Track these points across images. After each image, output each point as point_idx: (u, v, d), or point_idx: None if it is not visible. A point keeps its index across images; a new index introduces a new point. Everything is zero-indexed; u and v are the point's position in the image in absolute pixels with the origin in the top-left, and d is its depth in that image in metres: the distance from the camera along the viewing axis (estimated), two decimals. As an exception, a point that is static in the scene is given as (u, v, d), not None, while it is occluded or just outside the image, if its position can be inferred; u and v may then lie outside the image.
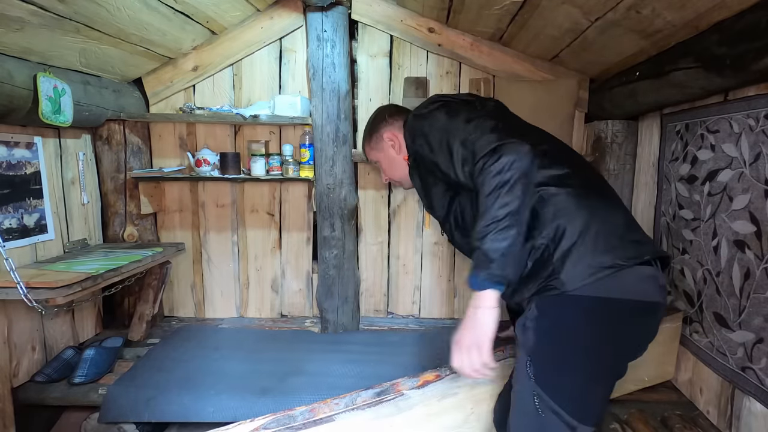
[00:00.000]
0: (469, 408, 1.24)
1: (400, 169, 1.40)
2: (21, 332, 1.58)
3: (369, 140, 1.47)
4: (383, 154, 1.43)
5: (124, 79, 1.99)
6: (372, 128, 1.45)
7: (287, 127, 2.09)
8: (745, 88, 1.24)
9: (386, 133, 1.40)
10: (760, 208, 1.18)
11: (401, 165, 1.39)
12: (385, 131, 1.40)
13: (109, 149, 1.97)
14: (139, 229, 2.06)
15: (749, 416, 1.23)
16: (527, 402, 0.96)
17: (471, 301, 0.96)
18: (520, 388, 1.00)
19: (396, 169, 1.42)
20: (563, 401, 0.92)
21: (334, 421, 1.09)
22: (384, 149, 1.41)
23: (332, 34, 1.91)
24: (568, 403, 0.93)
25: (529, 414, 0.96)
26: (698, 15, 1.18)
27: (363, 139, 1.51)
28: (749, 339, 1.22)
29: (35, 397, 1.55)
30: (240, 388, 1.54)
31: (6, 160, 1.54)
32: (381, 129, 1.41)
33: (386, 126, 1.41)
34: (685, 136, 1.53)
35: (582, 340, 0.94)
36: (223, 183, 2.15)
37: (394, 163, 1.41)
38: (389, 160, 1.42)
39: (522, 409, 1.00)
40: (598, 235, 0.95)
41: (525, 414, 0.98)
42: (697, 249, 1.45)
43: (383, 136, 1.40)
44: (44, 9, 1.28)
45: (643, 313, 0.97)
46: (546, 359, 0.96)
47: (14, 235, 1.56)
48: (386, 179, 1.50)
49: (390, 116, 1.42)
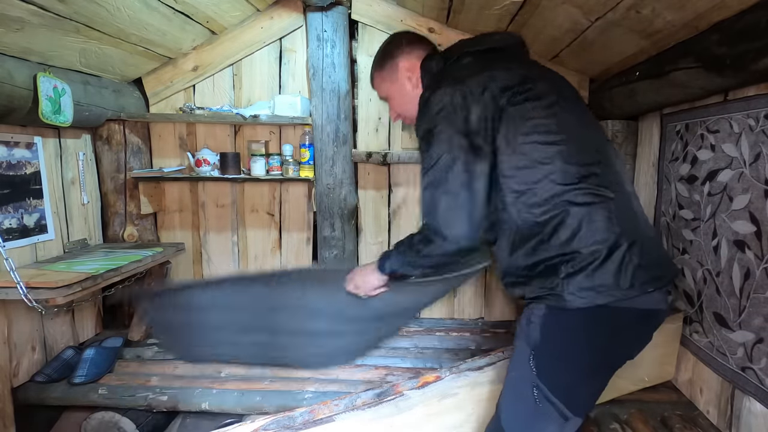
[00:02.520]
0: (469, 408, 1.24)
1: (413, 105, 1.18)
2: (21, 332, 1.58)
3: (381, 68, 1.25)
4: (396, 87, 1.22)
5: (124, 79, 1.99)
6: (385, 55, 1.24)
7: (287, 127, 2.09)
8: (745, 88, 1.24)
9: (403, 62, 1.20)
10: (760, 208, 1.18)
11: (415, 102, 1.17)
12: (402, 60, 1.20)
13: (109, 149, 1.97)
14: (139, 229, 2.06)
15: (749, 416, 1.23)
16: (525, 391, 0.98)
17: (372, 265, 1.23)
18: (518, 376, 1.02)
19: (409, 106, 1.21)
20: (561, 395, 0.95)
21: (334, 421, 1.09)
22: (398, 81, 1.21)
23: (332, 34, 1.91)
24: (566, 396, 0.95)
25: (526, 401, 0.98)
26: (698, 15, 1.17)
27: (373, 67, 1.29)
28: (749, 339, 1.22)
29: (35, 397, 1.55)
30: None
31: (6, 160, 1.54)
32: (397, 57, 1.20)
33: (404, 55, 1.20)
34: (685, 136, 1.53)
35: (585, 341, 0.95)
36: (223, 183, 2.15)
37: (407, 99, 1.21)
38: (403, 96, 1.22)
39: (517, 395, 1.02)
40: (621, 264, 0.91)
41: (520, 400, 1.00)
42: (697, 249, 1.45)
43: (399, 66, 1.20)
44: (44, 9, 1.28)
45: (646, 320, 0.98)
46: (549, 355, 0.97)
47: (14, 235, 1.56)
48: (396, 117, 1.30)
49: (409, 44, 1.21)
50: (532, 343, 0.98)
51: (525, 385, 0.98)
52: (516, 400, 1.02)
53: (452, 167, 0.96)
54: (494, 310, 2.24)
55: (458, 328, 2.13)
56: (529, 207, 0.95)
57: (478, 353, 1.68)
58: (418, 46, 1.21)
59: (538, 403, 0.96)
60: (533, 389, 0.96)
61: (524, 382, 0.98)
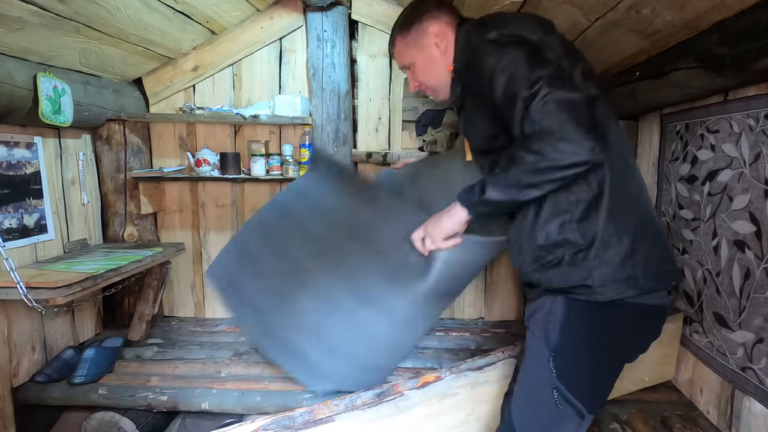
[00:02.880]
0: (469, 408, 1.24)
1: (439, 74, 1.14)
2: (21, 332, 1.58)
3: (406, 33, 1.15)
4: (423, 54, 1.14)
5: (124, 79, 1.99)
6: (411, 18, 1.15)
7: (287, 127, 2.09)
8: (745, 88, 1.24)
9: (433, 26, 1.11)
10: (760, 208, 1.18)
11: (442, 71, 1.13)
12: (432, 24, 1.11)
13: (109, 149, 1.97)
14: (139, 229, 2.06)
15: (749, 416, 1.23)
16: (543, 394, 0.96)
17: (451, 206, 1.06)
18: (535, 380, 1.00)
19: (434, 74, 1.15)
20: (581, 395, 0.94)
21: (334, 421, 1.09)
22: (426, 47, 1.12)
23: (332, 34, 1.91)
24: (586, 395, 0.95)
25: (544, 405, 0.96)
26: (698, 15, 1.17)
27: (394, 32, 1.19)
28: (749, 339, 1.22)
29: (35, 397, 1.55)
30: None
31: (6, 160, 1.54)
32: (425, 21, 1.12)
33: (432, 19, 1.12)
34: (685, 136, 1.53)
35: (613, 337, 0.95)
36: (223, 183, 2.15)
37: (434, 67, 1.14)
38: (429, 63, 1.14)
39: (534, 399, 1.00)
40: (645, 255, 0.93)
41: (537, 404, 0.98)
42: (697, 249, 1.45)
43: (428, 31, 1.11)
44: (44, 9, 1.28)
45: (660, 315, 1.00)
46: (571, 355, 0.95)
47: (14, 235, 1.56)
48: (416, 85, 1.22)
49: (437, 7, 1.13)
50: (552, 344, 0.96)
51: (543, 389, 0.96)
52: (532, 405, 1.00)
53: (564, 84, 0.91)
54: (494, 310, 2.24)
55: (458, 328, 2.13)
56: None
57: (478, 353, 1.68)
58: (446, 10, 1.14)
59: (558, 405, 0.94)
60: (553, 391, 0.94)
61: (542, 385, 0.96)
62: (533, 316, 1.02)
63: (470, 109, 1.10)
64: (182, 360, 1.79)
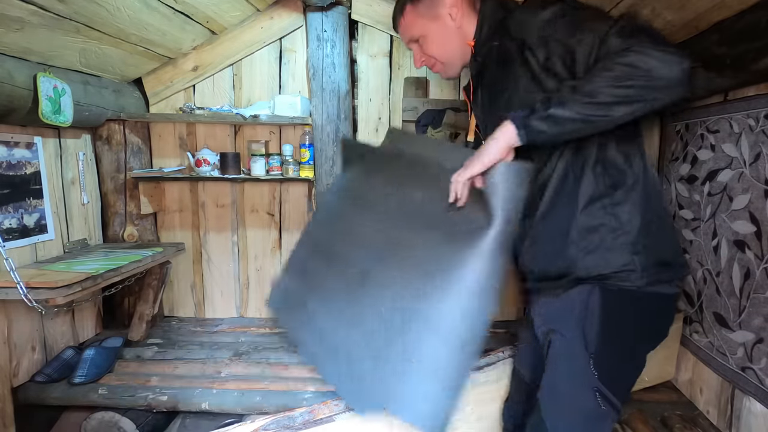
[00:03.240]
0: (469, 408, 1.24)
1: (453, 47, 1.07)
2: (21, 332, 1.58)
3: (418, 2, 1.08)
4: (437, 25, 1.07)
5: (124, 79, 1.99)
6: None
7: (287, 127, 2.09)
8: (745, 88, 1.24)
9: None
10: (760, 208, 1.18)
11: (457, 44, 1.06)
12: None
13: (109, 149, 1.97)
14: (139, 229, 2.06)
15: (749, 416, 1.23)
16: (584, 398, 0.92)
17: (498, 128, 0.89)
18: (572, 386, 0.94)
19: (449, 47, 1.08)
20: (620, 391, 0.94)
21: (334, 421, 1.09)
22: (440, 18, 1.05)
23: (332, 34, 1.92)
24: (625, 392, 0.95)
25: (586, 409, 0.93)
26: (698, 15, 1.18)
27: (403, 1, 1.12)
28: (749, 339, 1.22)
29: (35, 397, 1.55)
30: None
31: (6, 160, 1.54)
32: None
33: None
34: (685, 136, 1.53)
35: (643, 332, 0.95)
36: (223, 183, 2.15)
37: (449, 38, 1.07)
38: (443, 34, 1.07)
39: (574, 406, 0.95)
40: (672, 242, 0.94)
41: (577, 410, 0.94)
42: (697, 249, 1.45)
43: (445, 0, 1.05)
44: (44, 9, 1.28)
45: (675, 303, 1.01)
46: (610, 356, 0.92)
47: (14, 235, 1.56)
48: (423, 61, 1.14)
49: None
50: (592, 345, 0.91)
51: (584, 393, 0.92)
52: (572, 414, 0.95)
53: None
54: (494, 310, 2.24)
55: (458, 328, 2.13)
56: (623, 141, 0.91)
57: (478, 353, 1.68)
58: None
59: (601, 406, 0.91)
60: (595, 394, 0.91)
61: (583, 390, 0.93)
62: (561, 317, 0.95)
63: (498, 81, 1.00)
64: (182, 360, 1.79)
